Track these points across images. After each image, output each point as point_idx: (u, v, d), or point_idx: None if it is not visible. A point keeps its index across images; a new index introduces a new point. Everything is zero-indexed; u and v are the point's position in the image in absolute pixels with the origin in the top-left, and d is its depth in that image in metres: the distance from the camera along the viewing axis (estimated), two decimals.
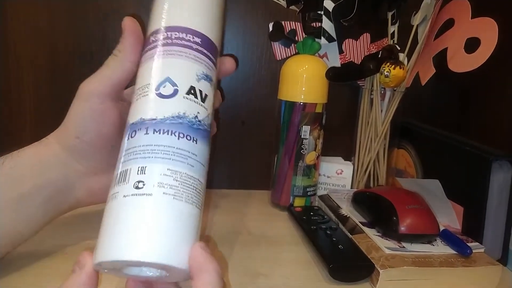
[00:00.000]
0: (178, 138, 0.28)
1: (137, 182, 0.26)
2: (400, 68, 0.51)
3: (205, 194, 0.31)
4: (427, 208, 0.44)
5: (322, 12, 0.52)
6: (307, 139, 0.52)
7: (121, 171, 0.27)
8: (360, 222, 0.46)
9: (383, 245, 0.40)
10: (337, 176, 0.58)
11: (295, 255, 0.43)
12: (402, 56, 0.54)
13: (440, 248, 0.41)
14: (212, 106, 0.32)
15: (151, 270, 0.26)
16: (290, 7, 0.56)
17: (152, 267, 0.25)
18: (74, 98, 0.35)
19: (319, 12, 0.53)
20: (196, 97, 0.30)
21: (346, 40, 0.54)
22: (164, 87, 0.29)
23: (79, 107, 0.35)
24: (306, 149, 0.52)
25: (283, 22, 0.58)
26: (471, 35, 0.48)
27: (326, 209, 0.52)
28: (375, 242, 0.41)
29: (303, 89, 0.51)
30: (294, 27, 0.58)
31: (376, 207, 0.46)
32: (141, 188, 0.26)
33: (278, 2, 0.57)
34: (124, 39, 0.34)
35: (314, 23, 0.55)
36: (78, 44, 0.57)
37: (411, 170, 0.57)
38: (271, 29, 0.58)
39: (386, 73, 0.51)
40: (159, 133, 0.28)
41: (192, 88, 0.30)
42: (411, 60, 0.54)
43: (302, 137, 0.52)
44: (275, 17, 0.58)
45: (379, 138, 0.56)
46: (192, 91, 0.30)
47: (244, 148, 0.63)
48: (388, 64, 0.51)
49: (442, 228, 0.43)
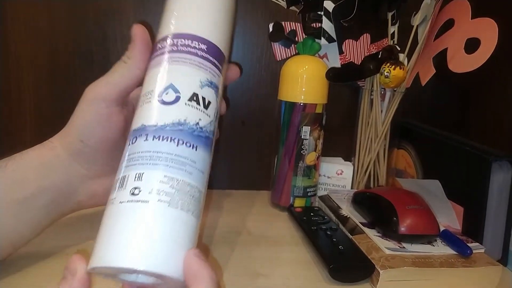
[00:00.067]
0: (177, 145, 0.28)
1: (134, 189, 0.26)
2: (400, 69, 0.51)
3: (205, 194, 0.31)
4: (427, 209, 0.44)
5: (322, 13, 0.52)
6: (307, 140, 0.52)
7: (120, 177, 0.27)
8: (360, 223, 0.46)
9: (383, 246, 0.40)
10: (337, 177, 0.58)
11: (295, 256, 0.43)
12: (402, 57, 0.54)
13: (440, 249, 0.41)
14: (216, 113, 0.32)
15: (147, 277, 0.26)
16: (290, 8, 0.56)
17: (145, 275, 0.25)
18: (80, 101, 0.35)
19: (319, 13, 0.53)
20: (199, 104, 0.30)
21: (346, 41, 0.54)
22: (167, 94, 0.29)
23: (85, 111, 0.35)
24: (306, 150, 0.52)
25: (283, 23, 0.58)
26: (471, 36, 0.48)
27: (326, 210, 0.52)
28: (375, 243, 0.41)
29: (303, 90, 0.51)
30: (294, 28, 0.58)
31: (376, 208, 0.46)
32: (137, 195, 0.26)
33: (278, 3, 0.57)
34: (134, 47, 0.34)
35: (314, 24, 0.55)
36: (78, 44, 0.57)
37: (411, 171, 0.57)
38: (271, 30, 0.58)
39: (386, 74, 0.51)
40: (159, 140, 0.28)
41: (195, 95, 0.30)
42: (411, 61, 0.54)
43: (302, 138, 0.52)
44: (275, 18, 0.58)
45: (379, 139, 0.56)
46: (195, 98, 0.30)
47: (244, 148, 0.63)
48: (388, 65, 0.51)
49: (442, 229, 0.43)
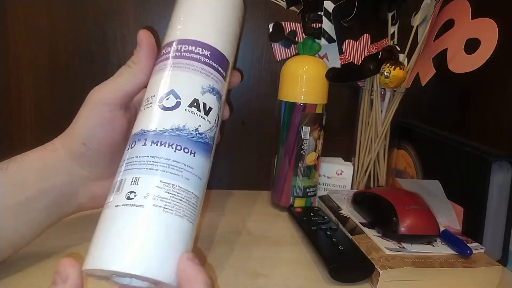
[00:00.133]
0: (175, 151, 0.28)
1: (129, 193, 0.26)
2: (400, 69, 0.51)
3: (205, 195, 0.31)
4: (427, 209, 0.44)
5: (322, 13, 0.52)
6: (307, 140, 0.52)
7: (117, 181, 0.27)
8: (360, 223, 0.46)
9: (383, 246, 0.40)
10: (337, 177, 0.58)
11: (295, 256, 0.43)
12: (402, 57, 0.54)
13: (440, 249, 0.41)
14: (218, 119, 0.32)
15: (141, 281, 0.26)
16: (290, 8, 0.56)
17: (137, 279, 0.25)
18: (83, 104, 0.35)
19: (319, 13, 0.53)
20: (199, 110, 0.30)
21: (346, 41, 0.54)
22: (167, 99, 0.29)
23: (88, 114, 0.35)
24: (306, 150, 0.52)
25: (283, 23, 0.58)
26: (471, 36, 0.48)
27: (326, 210, 0.52)
28: (375, 243, 0.41)
29: (303, 90, 0.51)
30: (294, 28, 0.58)
31: (376, 208, 0.46)
32: (132, 199, 0.26)
33: (278, 3, 0.57)
34: (139, 52, 0.34)
35: (314, 24, 0.55)
36: (78, 44, 0.57)
37: (411, 171, 0.57)
38: (271, 30, 0.58)
39: (386, 74, 0.51)
40: (157, 145, 0.28)
41: (196, 101, 0.30)
42: (411, 61, 0.54)
43: (302, 138, 0.52)
44: (275, 18, 0.58)
45: (379, 139, 0.56)
46: (195, 104, 0.30)
47: (244, 148, 0.63)
48: (388, 65, 0.51)
49: (442, 229, 0.43)
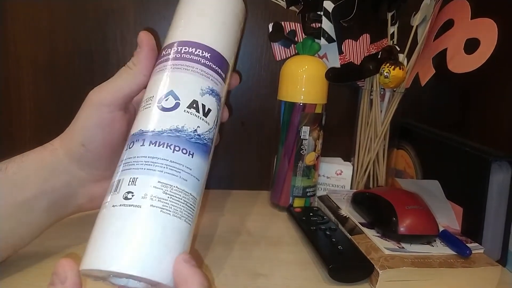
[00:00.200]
0: (173, 151, 0.28)
1: (127, 193, 0.26)
2: (400, 69, 0.51)
3: (205, 195, 0.31)
4: (427, 209, 0.44)
5: (322, 13, 0.52)
6: (307, 140, 0.52)
7: (115, 181, 0.27)
8: (360, 223, 0.46)
9: (383, 246, 0.40)
10: (337, 177, 0.58)
11: (295, 256, 0.43)
12: (402, 57, 0.54)
13: (440, 249, 0.41)
14: (217, 121, 0.32)
15: (137, 282, 0.26)
16: (290, 8, 0.56)
17: (134, 279, 0.25)
18: (82, 105, 0.35)
19: (319, 13, 0.53)
20: (198, 111, 0.30)
21: (346, 41, 0.54)
22: (167, 100, 0.30)
23: (87, 115, 0.35)
24: (306, 150, 0.52)
25: (283, 23, 0.58)
26: (471, 36, 0.48)
27: (326, 210, 0.52)
28: (375, 243, 0.41)
29: (303, 90, 0.52)
30: (294, 28, 0.58)
31: (376, 208, 0.46)
32: (130, 199, 0.26)
33: (278, 3, 0.57)
34: (140, 53, 0.34)
35: (314, 24, 0.55)
36: (78, 44, 0.57)
37: (411, 171, 0.57)
38: (271, 30, 0.58)
39: (386, 74, 0.51)
40: (155, 145, 0.28)
41: (195, 102, 0.30)
42: (411, 61, 0.54)
43: (302, 138, 0.52)
44: (275, 18, 0.58)
45: (379, 139, 0.56)
46: (194, 105, 0.30)
47: (244, 148, 0.63)
48: (388, 65, 0.51)
49: (442, 229, 0.43)
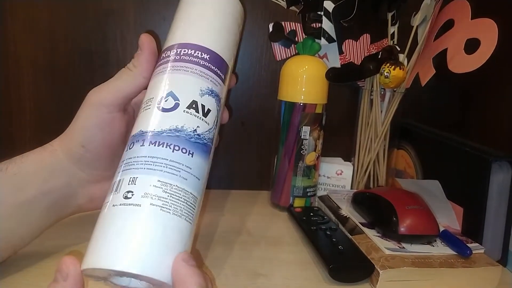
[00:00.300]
0: (173, 151, 0.28)
1: (127, 192, 0.26)
2: (400, 69, 0.51)
3: (205, 195, 0.31)
4: (427, 209, 0.44)
5: (322, 13, 0.52)
6: (307, 140, 0.52)
7: (115, 181, 0.28)
8: (360, 223, 0.46)
9: (383, 246, 0.40)
10: (337, 177, 0.58)
11: (295, 256, 0.43)
12: (402, 57, 0.54)
13: (440, 249, 0.41)
14: (217, 121, 0.32)
15: (141, 282, 0.26)
16: (290, 8, 0.56)
17: (136, 279, 0.25)
18: (82, 106, 0.35)
19: (319, 13, 0.53)
20: (197, 111, 0.30)
21: (346, 41, 0.54)
22: (166, 101, 0.30)
23: (87, 116, 0.35)
24: (306, 150, 0.52)
25: (283, 23, 0.58)
26: (471, 36, 0.48)
27: (326, 210, 0.52)
28: (375, 243, 0.41)
29: (303, 90, 0.52)
30: (294, 28, 0.58)
31: (376, 208, 0.46)
32: (130, 198, 0.26)
33: (278, 3, 0.57)
34: (140, 55, 0.35)
35: (314, 24, 0.55)
36: (78, 44, 0.57)
37: (411, 171, 0.57)
38: (271, 30, 0.58)
39: (386, 74, 0.51)
40: (155, 145, 0.28)
41: (194, 103, 0.30)
42: (411, 61, 0.54)
43: (302, 138, 0.52)
44: (275, 18, 0.58)
45: (379, 139, 0.56)
46: (194, 106, 0.30)
47: (244, 148, 0.63)
48: (388, 65, 0.51)
49: (442, 229, 0.43)
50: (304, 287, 0.38)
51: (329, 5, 0.51)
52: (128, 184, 0.27)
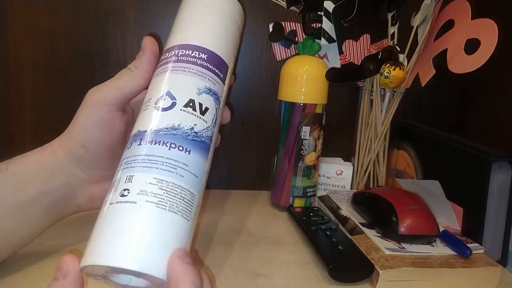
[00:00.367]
0: (169, 149, 0.28)
1: (123, 190, 0.26)
2: (400, 69, 0.51)
3: (205, 195, 0.31)
4: (427, 209, 0.44)
5: (322, 13, 0.52)
6: (307, 140, 0.52)
7: (114, 180, 0.28)
8: (360, 223, 0.46)
9: (383, 246, 0.40)
10: (337, 177, 0.58)
11: (295, 256, 0.43)
12: (402, 57, 0.54)
13: (440, 249, 0.41)
14: (216, 119, 0.32)
15: (141, 281, 0.26)
16: (290, 8, 0.56)
17: (128, 274, 0.25)
18: (81, 105, 0.36)
19: (319, 13, 0.53)
20: (195, 110, 0.30)
21: (346, 41, 0.54)
22: (164, 101, 0.30)
23: (86, 115, 0.35)
24: (306, 150, 0.52)
25: (283, 23, 0.58)
26: (471, 36, 0.48)
27: (326, 210, 0.52)
28: (375, 243, 0.41)
29: (303, 90, 0.52)
30: (294, 28, 0.58)
31: (376, 208, 0.46)
32: (126, 196, 0.26)
33: (278, 3, 0.57)
34: (142, 57, 0.35)
35: (314, 24, 0.55)
36: (78, 44, 0.57)
37: (411, 171, 0.57)
38: (271, 30, 0.58)
39: (386, 74, 0.51)
40: (151, 144, 0.28)
41: (191, 101, 0.31)
42: (411, 61, 0.54)
43: (302, 138, 0.52)
44: (275, 18, 0.58)
45: (379, 139, 0.56)
46: (191, 104, 0.30)
47: (244, 149, 0.63)
48: (388, 65, 0.51)
49: (442, 229, 0.43)
50: (304, 287, 0.38)
51: (329, 5, 0.51)
52: (125, 182, 0.27)
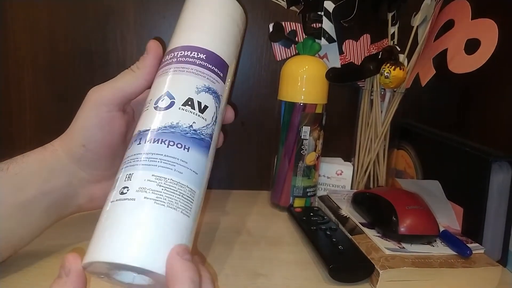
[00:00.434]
0: (168, 146, 0.28)
1: (123, 188, 0.27)
2: (400, 69, 0.51)
3: (205, 195, 0.31)
4: (427, 209, 0.44)
5: (322, 13, 0.52)
6: (307, 140, 0.52)
7: (115, 180, 0.28)
8: (360, 223, 0.46)
9: (383, 246, 0.40)
10: (337, 177, 0.58)
11: (295, 256, 0.43)
12: (402, 57, 0.54)
13: (440, 249, 0.41)
14: (216, 117, 0.33)
15: (143, 278, 0.26)
16: (290, 8, 0.56)
17: (127, 270, 0.25)
18: (82, 105, 0.36)
19: (319, 13, 0.53)
20: (193, 108, 0.31)
21: (346, 41, 0.54)
22: (162, 101, 0.31)
23: (87, 115, 0.35)
24: (306, 150, 0.52)
25: (283, 23, 0.58)
26: (471, 36, 0.48)
27: (326, 210, 0.52)
28: (375, 243, 0.41)
29: (303, 90, 0.52)
30: (294, 28, 0.58)
31: (376, 208, 0.46)
32: (125, 194, 0.26)
33: (278, 3, 0.57)
34: (146, 59, 0.35)
35: (314, 24, 0.55)
36: (78, 44, 0.57)
37: (411, 171, 0.57)
38: (271, 30, 0.58)
39: (386, 74, 0.51)
40: (150, 142, 0.29)
41: (190, 100, 0.31)
42: (411, 61, 0.54)
43: (302, 138, 0.52)
44: (275, 18, 0.58)
45: (379, 139, 0.56)
46: (190, 103, 0.31)
47: (244, 149, 0.63)
48: (388, 65, 0.51)
49: (442, 229, 0.43)
50: (304, 287, 0.38)
51: (330, 5, 0.51)
52: (125, 181, 0.27)
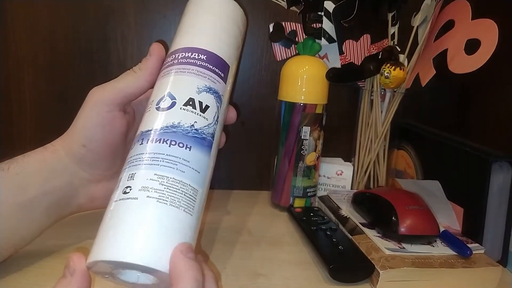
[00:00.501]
0: (170, 146, 0.29)
1: (125, 188, 0.27)
2: (400, 69, 0.51)
3: (205, 193, 0.31)
4: (427, 209, 0.44)
5: (323, 13, 0.52)
6: (307, 140, 0.52)
7: (118, 180, 0.29)
8: (360, 223, 0.46)
9: (383, 246, 0.40)
10: (337, 177, 0.58)
11: (295, 256, 0.43)
12: (402, 57, 0.54)
13: (440, 249, 0.41)
14: (218, 117, 0.33)
15: (148, 277, 0.26)
16: (291, 8, 0.56)
17: (131, 268, 0.25)
18: (83, 104, 0.36)
19: (320, 13, 0.53)
20: (195, 108, 0.31)
21: (347, 41, 0.54)
22: (164, 101, 0.31)
23: (87, 114, 0.35)
24: (306, 150, 0.52)
25: (284, 23, 0.58)
26: (471, 36, 0.48)
27: (326, 210, 0.52)
28: (375, 243, 0.41)
29: (303, 90, 0.52)
30: (295, 28, 0.58)
31: (376, 208, 0.46)
32: (128, 193, 0.27)
33: (279, 3, 0.57)
34: (148, 60, 0.35)
35: (315, 24, 0.55)
36: (78, 44, 0.57)
37: (411, 171, 0.57)
38: (272, 30, 0.58)
39: (386, 74, 0.51)
40: (152, 142, 0.29)
41: (191, 100, 0.31)
42: (411, 61, 0.54)
43: (302, 138, 0.52)
44: (275, 18, 0.58)
45: (379, 139, 0.56)
46: (191, 103, 0.31)
47: (244, 149, 0.63)
48: (388, 65, 0.51)
49: (442, 229, 0.43)
50: (304, 287, 0.38)
51: (330, 5, 0.51)
52: (127, 180, 0.27)
